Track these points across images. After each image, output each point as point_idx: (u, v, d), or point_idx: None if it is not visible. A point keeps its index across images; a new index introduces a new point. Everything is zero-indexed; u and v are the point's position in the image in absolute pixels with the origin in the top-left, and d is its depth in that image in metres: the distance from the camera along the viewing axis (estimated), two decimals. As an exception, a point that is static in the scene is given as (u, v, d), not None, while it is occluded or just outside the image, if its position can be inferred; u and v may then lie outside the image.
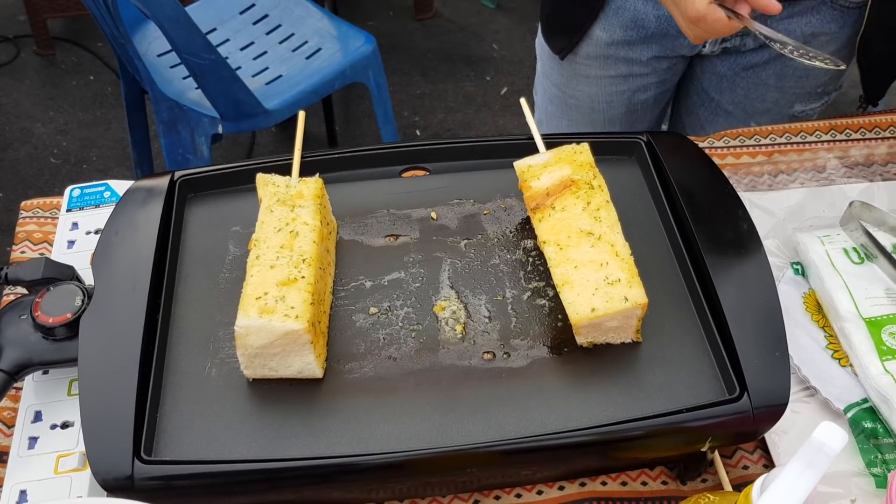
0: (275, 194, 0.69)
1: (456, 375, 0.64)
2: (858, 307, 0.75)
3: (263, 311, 0.60)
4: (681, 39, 1.06)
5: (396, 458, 0.58)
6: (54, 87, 2.49)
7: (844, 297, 0.76)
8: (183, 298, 0.68)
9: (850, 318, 0.74)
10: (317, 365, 0.62)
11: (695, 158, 0.77)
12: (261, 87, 1.75)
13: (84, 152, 2.31)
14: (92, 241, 0.79)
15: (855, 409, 0.71)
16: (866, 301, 0.76)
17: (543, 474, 0.67)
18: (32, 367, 0.66)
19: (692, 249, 0.69)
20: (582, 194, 0.69)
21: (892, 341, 0.73)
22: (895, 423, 0.68)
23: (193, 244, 0.72)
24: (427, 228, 0.74)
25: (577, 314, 0.63)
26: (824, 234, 0.82)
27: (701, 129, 1.19)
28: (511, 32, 2.70)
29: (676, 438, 0.61)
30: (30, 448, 0.66)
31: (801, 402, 0.72)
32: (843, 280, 0.77)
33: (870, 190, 0.88)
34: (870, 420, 0.70)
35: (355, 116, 2.43)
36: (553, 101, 1.21)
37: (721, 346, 0.63)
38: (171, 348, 0.65)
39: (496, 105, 2.46)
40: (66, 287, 0.67)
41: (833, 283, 0.77)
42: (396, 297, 0.68)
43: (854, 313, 0.75)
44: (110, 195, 0.83)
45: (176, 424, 0.61)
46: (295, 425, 0.61)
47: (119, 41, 1.63)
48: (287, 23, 1.92)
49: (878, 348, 0.72)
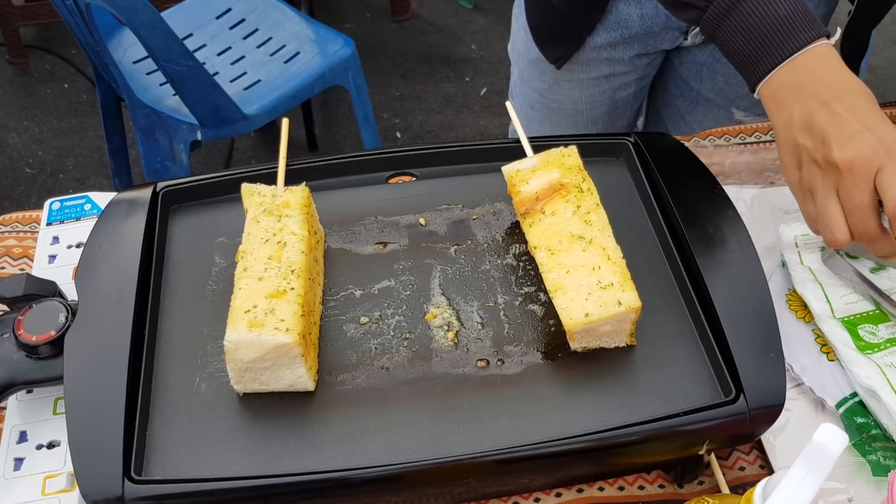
0: (261, 204, 0.68)
1: (450, 384, 0.63)
2: (833, 307, 0.75)
3: (253, 325, 0.59)
4: (662, 35, 1.05)
5: (392, 470, 0.57)
6: (28, 96, 2.46)
7: (817, 298, 0.75)
8: (169, 312, 0.67)
9: (825, 319, 0.74)
10: (308, 377, 0.61)
11: (682, 158, 0.76)
12: (239, 93, 1.74)
13: (60, 162, 2.28)
14: (73, 256, 0.78)
15: (847, 403, 0.71)
16: (841, 300, 0.75)
17: (540, 482, 0.66)
18: (16, 387, 0.64)
19: (683, 251, 0.69)
20: (572, 198, 0.69)
21: (870, 337, 0.73)
22: (884, 416, 0.68)
23: (178, 256, 0.71)
24: (416, 235, 0.73)
25: (571, 320, 0.62)
26: (803, 231, 0.81)
27: (681, 120, 1.19)
28: (489, 33, 2.70)
29: (674, 442, 0.61)
30: (16, 469, 0.64)
31: (792, 400, 0.72)
32: (817, 279, 0.77)
33: None
34: (861, 415, 0.70)
35: (335, 119, 2.41)
36: (534, 107, 1.20)
37: (715, 348, 0.63)
38: (159, 364, 0.64)
39: (476, 106, 2.46)
40: (48, 304, 0.66)
41: (806, 283, 0.77)
42: (387, 306, 0.67)
43: (828, 313, 0.74)
44: (91, 207, 0.82)
45: (166, 442, 0.60)
46: (287, 439, 0.60)
47: (94, 48, 1.61)
48: (264, 27, 1.91)
49: (857, 344, 0.72)
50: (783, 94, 0.69)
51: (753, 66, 0.71)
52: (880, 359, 0.71)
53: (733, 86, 1.11)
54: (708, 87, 1.13)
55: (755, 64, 0.70)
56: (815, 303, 0.75)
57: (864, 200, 0.63)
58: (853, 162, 0.63)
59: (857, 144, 0.63)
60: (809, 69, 0.68)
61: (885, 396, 0.67)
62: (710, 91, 1.13)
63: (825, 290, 0.76)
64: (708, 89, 1.13)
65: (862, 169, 0.63)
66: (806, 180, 0.68)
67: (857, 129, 0.63)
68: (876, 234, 0.64)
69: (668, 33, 1.05)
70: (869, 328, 0.73)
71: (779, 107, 0.69)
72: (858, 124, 0.64)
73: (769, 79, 0.70)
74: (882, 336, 0.73)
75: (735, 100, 1.13)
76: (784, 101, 0.68)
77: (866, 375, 0.69)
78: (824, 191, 0.66)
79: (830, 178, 0.65)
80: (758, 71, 0.70)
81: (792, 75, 0.68)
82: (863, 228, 0.64)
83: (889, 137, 0.63)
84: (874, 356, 0.71)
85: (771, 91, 0.70)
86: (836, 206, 0.65)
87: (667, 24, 1.03)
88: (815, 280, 0.77)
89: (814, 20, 0.69)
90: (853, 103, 0.65)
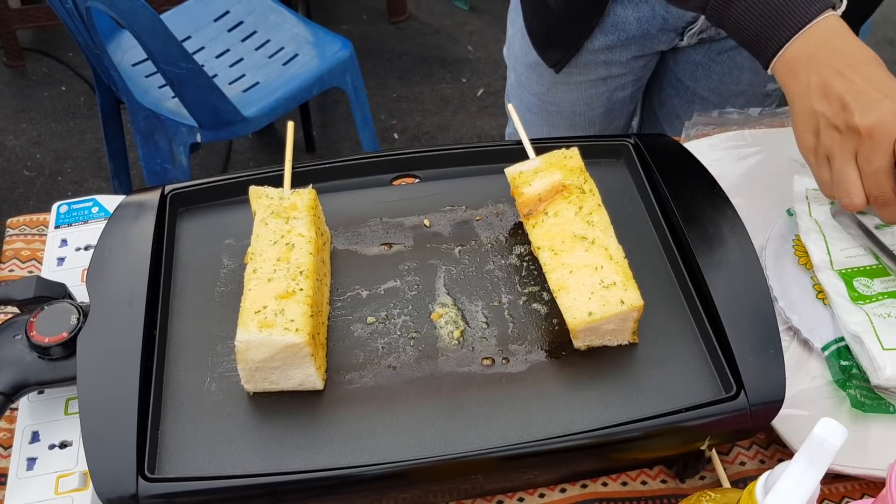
0: (268, 206, 0.69)
1: (456, 382, 0.64)
2: (832, 259, 0.78)
3: (263, 325, 0.60)
4: (659, 37, 1.07)
5: (400, 467, 0.58)
6: (26, 99, 2.47)
7: (819, 248, 0.78)
8: (179, 313, 0.68)
9: (823, 269, 0.77)
10: (317, 377, 0.62)
11: (682, 159, 0.78)
12: (238, 95, 1.75)
13: (58, 164, 2.29)
14: (82, 258, 0.79)
15: (833, 346, 0.73)
16: (841, 253, 0.78)
17: (545, 477, 0.68)
18: (29, 388, 0.65)
19: (683, 250, 0.70)
20: (574, 199, 0.70)
21: (864, 289, 0.75)
22: (864, 360, 0.71)
23: (187, 258, 0.72)
24: (421, 236, 0.74)
25: (575, 318, 0.63)
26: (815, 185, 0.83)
27: (676, 119, 1.20)
28: (485, 34, 2.71)
29: (676, 438, 0.62)
30: (29, 469, 0.65)
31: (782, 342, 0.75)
32: (821, 230, 0.79)
33: None
34: (845, 358, 0.73)
35: (333, 121, 2.42)
36: (532, 109, 1.21)
37: (716, 345, 0.64)
38: (170, 364, 0.65)
39: (473, 107, 2.47)
40: (60, 305, 0.67)
41: (810, 234, 0.80)
42: (393, 306, 0.69)
43: (826, 263, 0.77)
44: (98, 210, 0.83)
45: (178, 441, 0.61)
46: (297, 438, 0.61)
47: (93, 51, 1.61)
48: (262, 29, 1.92)
49: (850, 294, 0.75)
50: (798, 66, 0.71)
51: (766, 42, 0.72)
52: (871, 309, 0.73)
53: (728, 84, 1.13)
54: (703, 85, 1.14)
55: (767, 40, 0.72)
56: (816, 253, 0.78)
57: (882, 165, 0.66)
58: (874, 127, 0.65)
59: (877, 111, 0.65)
60: (821, 40, 0.70)
61: (868, 342, 0.70)
62: (705, 90, 1.15)
63: (827, 242, 0.79)
64: (703, 88, 1.15)
65: (882, 134, 0.65)
66: (824, 145, 0.70)
67: (875, 96, 0.66)
68: (891, 198, 0.67)
69: (664, 35, 1.06)
70: (864, 281, 0.76)
71: (795, 77, 0.71)
72: (876, 91, 0.66)
73: (783, 53, 0.72)
74: (876, 289, 0.76)
75: (730, 98, 1.14)
76: (799, 72, 0.70)
77: (854, 322, 0.72)
78: (842, 155, 0.68)
79: (849, 143, 0.67)
80: (771, 47, 0.72)
81: (804, 47, 0.70)
82: (879, 192, 0.67)
83: None
84: (865, 306, 0.74)
85: (786, 64, 0.72)
86: (855, 170, 0.68)
87: (663, 26, 1.04)
88: (819, 231, 0.79)
89: None
90: (868, 71, 0.67)
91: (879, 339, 0.71)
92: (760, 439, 0.72)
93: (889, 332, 0.71)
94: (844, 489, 0.69)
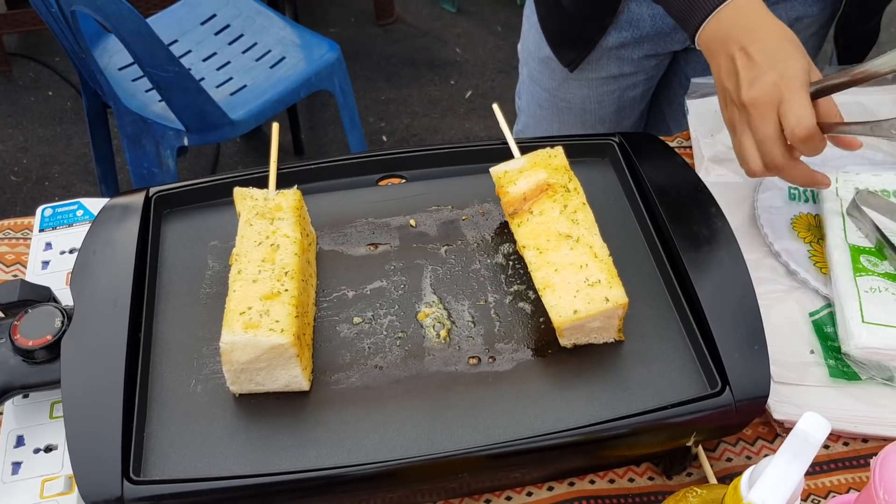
0: (253, 207, 0.69)
1: (443, 381, 0.64)
2: (847, 235, 0.81)
3: (248, 326, 0.60)
4: (672, 36, 1.07)
5: (387, 467, 0.58)
6: (12, 104, 2.45)
7: (837, 225, 0.82)
8: (164, 315, 0.68)
9: (837, 245, 0.80)
10: (303, 377, 0.62)
11: (667, 158, 0.78)
12: (225, 98, 1.74)
13: (45, 169, 2.28)
14: (66, 261, 0.78)
15: (820, 313, 0.78)
16: (856, 233, 0.82)
17: (533, 476, 0.68)
18: (13, 392, 0.65)
19: (668, 248, 0.71)
20: (558, 198, 0.70)
21: (869, 265, 0.78)
22: (840, 327, 0.75)
23: (172, 260, 0.72)
24: (407, 236, 0.74)
25: (560, 317, 0.63)
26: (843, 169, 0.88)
27: (683, 118, 1.21)
28: (473, 36, 2.72)
29: (662, 434, 0.62)
30: (14, 473, 0.65)
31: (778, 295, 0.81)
32: (843, 214, 0.84)
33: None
34: (831, 325, 0.77)
35: (321, 124, 2.42)
36: (542, 105, 1.22)
37: (701, 342, 0.64)
38: (155, 366, 0.65)
39: (461, 108, 2.47)
40: (44, 309, 0.66)
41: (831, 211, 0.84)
42: (380, 306, 0.69)
43: (841, 238, 0.81)
44: (83, 213, 0.82)
45: (163, 443, 0.60)
46: (284, 439, 0.61)
47: (79, 56, 1.61)
48: (249, 32, 1.91)
49: (855, 266, 0.78)
50: (713, 44, 0.77)
51: (688, 21, 0.78)
52: (866, 281, 0.76)
53: None
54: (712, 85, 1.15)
55: (689, 19, 0.78)
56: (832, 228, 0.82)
57: (766, 133, 0.72)
58: (756, 99, 0.71)
59: (760, 83, 0.71)
60: (732, 19, 0.75)
61: (849, 310, 0.74)
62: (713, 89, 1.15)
63: (846, 222, 0.83)
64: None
65: (763, 104, 0.71)
66: (729, 118, 0.77)
67: (763, 69, 0.71)
68: (782, 163, 0.73)
69: (678, 34, 1.07)
70: (873, 259, 0.79)
71: (712, 55, 0.77)
72: (766, 65, 0.72)
73: (701, 31, 0.77)
74: (882, 269, 0.78)
75: None
76: (714, 50, 0.77)
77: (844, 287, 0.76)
78: (740, 127, 0.75)
79: (743, 116, 0.74)
80: (691, 25, 0.78)
81: (718, 26, 0.76)
82: (769, 158, 0.73)
83: (790, 73, 0.70)
84: (861, 278, 0.76)
85: (705, 43, 0.78)
86: (750, 139, 0.74)
87: (676, 25, 1.05)
88: (840, 215, 0.83)
89: None
90: (767, 47, 0.73)
91: (862, 310, 0.74)
92: (747, 435, 0.72)
93: (874, 306, 0.74)
94: (830, 484, 0.70)
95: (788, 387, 0.73)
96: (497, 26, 2.74)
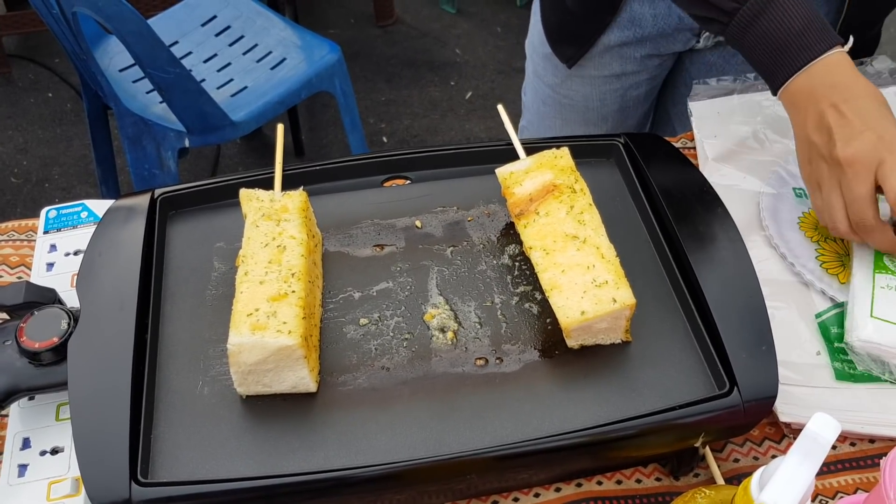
0: (259, 209, 0.69)
1: (450, 383, 0.64)
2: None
3: (255, 328, 0.60)
4: (675, 36, 1.07)
5: (395, 468, 0.58)
6: (12, 106, 2.45)
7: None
8: (170, 317, 0.68)
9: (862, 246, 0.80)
10: (310, 379, 0.62)
11: (672, 158, 0.78)
12: (226, 99, 1.74)
13: (45, 171, 2.27)
14: (72, 263, 0.78)
15: (827, 314, 0.77)
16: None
17: (540, 477, 0.68)
18: (19, 394, 0.65)
19: (675, 248, 0.71)
20: (565, 198, 0.70)
21: (890, 264, 0.78)
22: (848, 317, 0.74)
23: (178, 262, 0.71)
24: (412, 237, 0.74)
25: (568, 318, 0.63)
26: None
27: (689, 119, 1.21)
28: (473, 37, 2.72)
29: (670, 435, 0.62)
30: (20, 476, 0.64)
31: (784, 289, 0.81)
32: None
33: None
34: (838, 325, 0.76)
35: (321, 125, 2.42)
36: (546, 102, 1.22)
37: (709, 343, 0.64)
38: (162, 368, 0.64)
39: (462, 109, 2.47)
40: (50, 311, 0.66)
41: None
42: (386, 308, 0.68)
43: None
44: (87, 215, 0.82)
45: (171, 445, 0.60)
46: (291, 440, 0.61)
47: (80, 57, 1.61)
48: (250, 34, 1.91)
49: (876, 262, 0.77)
50: (799, 98, 0.76)
51: (774, 74, 0.78)
52: (884, 278, 0.76)
53: None
54: None
55: (775, 72, 0.77)
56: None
57: (861, 193, 0.70)
58: (853, 157, 0.70)
59: (858, 142, 0.70)
60: (823, 75, 0.74)
61: (859, 302, 0.74)
62: None
63: None
64: None
65: (861, 164, 0.70)
66: (815, 174, 0.75)
67: (859, 129, 0.70)
68: (871, 225, 0.71)
69: (680, 34, 1.07)
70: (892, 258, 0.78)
71: (796, 109, 0.76)
72: (862, 124, 0.70)
73: (788, 85, 0.76)
74: None
75: None
76: (800, 104, 0.76)
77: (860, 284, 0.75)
78: (829, 183, 0.73)
79: (835, 173, 0.72)
80: (778, 79, 0.77)
81: (807, 82, 0.75)
82: (859, 218, 0.71)
83: (888, 136, 0.69)
84: (880, 275, 0.76)
85: (790, 95, 0.77)
86: (839, 198, 0.73)
87: (679, 26, 1.05)
88: None
89: (826, 31, 0.75)
90: (860, 105, 0.72)
91: (873, 305, 0.74)
92: (754, 436, 0.72)
93: (885, 303, 0.74)
94: (838, 484, 0.70)
95: (795, 388, 0.73)
96: (497, 27, 2.74)
